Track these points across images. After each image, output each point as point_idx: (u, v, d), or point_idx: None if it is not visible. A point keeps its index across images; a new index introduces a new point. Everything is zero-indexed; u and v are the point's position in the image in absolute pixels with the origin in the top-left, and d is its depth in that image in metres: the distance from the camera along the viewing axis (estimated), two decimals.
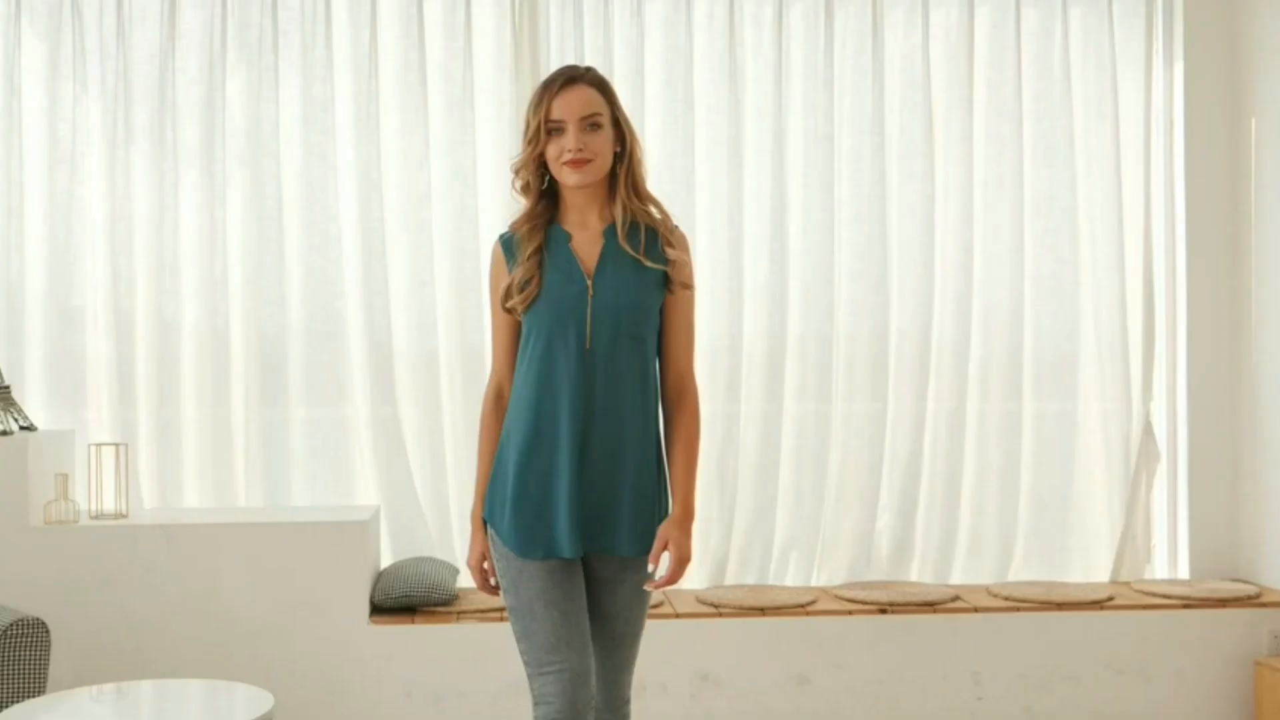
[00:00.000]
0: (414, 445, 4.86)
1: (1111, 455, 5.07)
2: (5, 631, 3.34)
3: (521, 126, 2.78)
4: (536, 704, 2.66)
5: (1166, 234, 5.15)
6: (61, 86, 4.79)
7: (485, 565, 2.80)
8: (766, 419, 4.96)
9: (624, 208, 2.73)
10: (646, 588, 2.74)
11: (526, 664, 2.69)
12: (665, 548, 2.70)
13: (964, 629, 4.58)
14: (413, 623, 4.40)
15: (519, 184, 2.78)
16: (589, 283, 2.69)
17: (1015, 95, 5.08)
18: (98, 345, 4.78)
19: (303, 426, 4.88)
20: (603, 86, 2.75)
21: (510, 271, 2.74)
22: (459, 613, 4.44)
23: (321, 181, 4.84)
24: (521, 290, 2.70)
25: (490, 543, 2.76)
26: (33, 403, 4.72)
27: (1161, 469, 5.14)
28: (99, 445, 4.53)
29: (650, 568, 2.74)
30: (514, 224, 2.80)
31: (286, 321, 4.85)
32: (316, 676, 4.34)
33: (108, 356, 4.77)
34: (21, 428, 4.47)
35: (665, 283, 2.74)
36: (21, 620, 3.38)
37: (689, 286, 2.77)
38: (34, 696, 3.25)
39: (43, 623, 3.41)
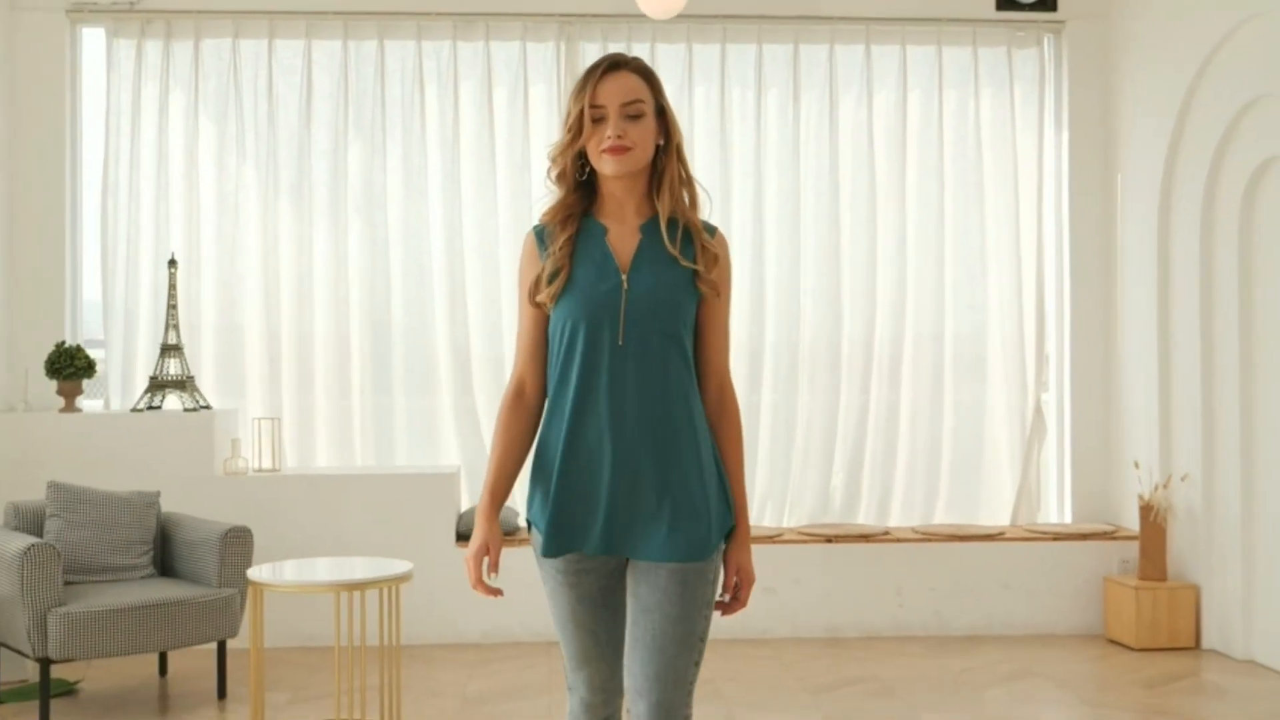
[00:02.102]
0: (485, 423, 6.53)
1: (1011, 431, 6.67)
2: (226, 534, 5.03)
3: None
4: (570, 690, 2.70)
5: (1055, 263, 6.76)
6: (227, 157, 6.51)
7: (487, 559, 2.62)
8: (749, 406, 6.58)
9: (668, 200, 2.60)
10: (720, 613, 2.60)
11: (564, 656, 2.70)
12: (736, 575, 2.60)
13: (890, 555, 6.20)
14: None
15: (554, 172, 2.66)
16: (624, 278, 2.55)
17: (939, 157, 6.70)
18: (254, 348, 6.50)
19: (403, 410, 6.58)
20: (647, 75, 2.61)
21: (542, 262, 2.63)
22: (520, 540, 6.09)
23: (417, 226, 6.54)
24: (550, 282, 2.58)
25: (533, 546, 2.66)
26: (207, 388, 6.43)
27: (1050, 441, 6.75)
28: (258, 419, 6.25)
29: (724, 596, 2.62)
30: (545, 214, 2.68)
31: (391, 332, 6.55)
32: (417, 585, 5.98)
33: (261, 356, 6.49)
34: (202, 407, 6.17)
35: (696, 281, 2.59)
36: (236, 527, 5.07)
37: (717, 292, 2.61)
38: (245, 569, 4.94)
39: (248, 529, 5.11)
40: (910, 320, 6.68)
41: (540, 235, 2.67)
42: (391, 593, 4.53)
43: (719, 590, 2.60)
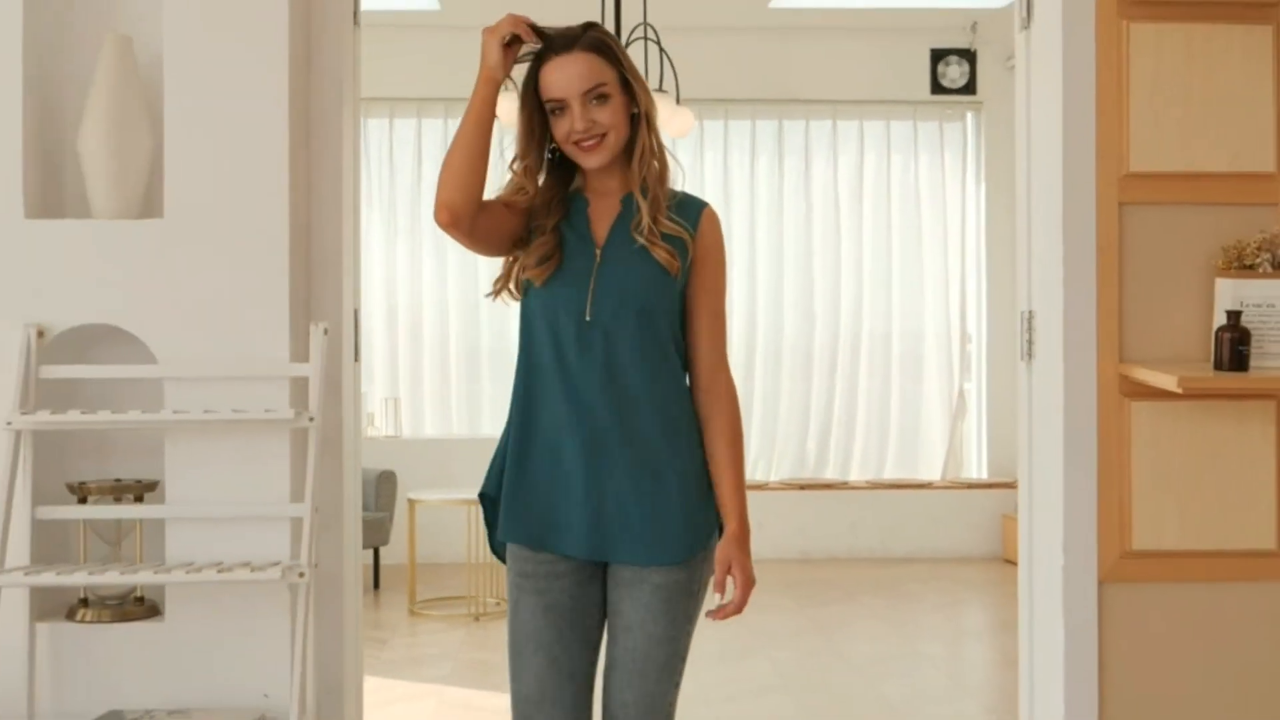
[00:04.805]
0: None
1: (942, 409, 8.92)
2: (379, 475, 7.32)
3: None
4: None
5: (975, 284, 9.01)
6: (359, 206, 8.78)
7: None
8: (745, 392, 8.83)
9: (638, 174, 2.42)
10: (709, 617, 2.40)
11: (511, 706, 2.41)
12: (729, 572, 2.40)
13: (847, 499, 8.46)
14: None
15: (519, 166, 2.44)
16: (597, 252, 2.41)
17: (887, 205, 8.94)
18: (379, 346, 8.79)
19: (489, 392, 8.85)
20: (602, 48, 2.37)
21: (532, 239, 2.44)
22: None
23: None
24: (541, 264, 2.42)
25: (494, 544, 2.54)
26: None
27: (971, 417, 9.00)
28: (384, 399, 8.54)
29: (716, 597, 2.42)
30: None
31: (480, 334, 8.83)
32: None
33: (384, 352, 8.79)
34: None
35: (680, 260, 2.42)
36: (385, 470, 7.37)
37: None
38: (392, 499, 7.22)
39: (394, 471, 7.40)
40: (866, 327, 8.92)
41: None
42: None
43: (708, 594, 2.47)
